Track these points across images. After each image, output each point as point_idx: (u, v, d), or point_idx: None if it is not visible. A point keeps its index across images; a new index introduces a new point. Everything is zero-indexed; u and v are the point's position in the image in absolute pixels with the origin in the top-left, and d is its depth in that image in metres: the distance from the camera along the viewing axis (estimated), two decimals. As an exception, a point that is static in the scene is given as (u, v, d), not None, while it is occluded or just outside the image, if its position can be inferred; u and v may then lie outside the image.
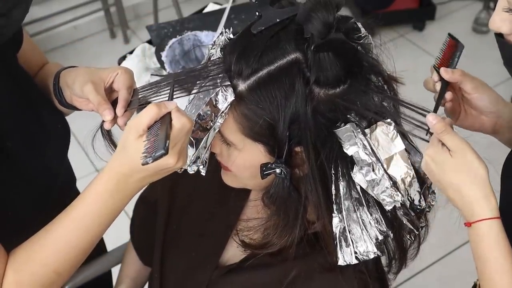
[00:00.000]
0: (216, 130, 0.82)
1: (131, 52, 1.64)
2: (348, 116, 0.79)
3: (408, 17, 3.28)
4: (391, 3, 3.13)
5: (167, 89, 0.84)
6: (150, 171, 0.78)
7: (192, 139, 0.83)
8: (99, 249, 1.38)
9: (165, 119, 0.76)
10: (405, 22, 3.28)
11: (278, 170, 0.81)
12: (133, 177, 0.80)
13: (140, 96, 0.89)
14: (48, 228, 0.84)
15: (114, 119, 0.88)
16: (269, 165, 0.81)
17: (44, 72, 1.08)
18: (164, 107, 0.77)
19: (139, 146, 0.75)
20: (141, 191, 1.22)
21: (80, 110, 0.97)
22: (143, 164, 0.74)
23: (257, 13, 0.80)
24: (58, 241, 0.84)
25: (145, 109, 0.77)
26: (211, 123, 0.81)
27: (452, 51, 0.87)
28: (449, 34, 0.87)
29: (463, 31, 3.27)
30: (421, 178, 0.83)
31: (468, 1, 3.45)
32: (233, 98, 0.78)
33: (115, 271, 1.32)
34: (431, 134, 0.80)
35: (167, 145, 0.72)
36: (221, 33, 0.84)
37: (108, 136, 0.90)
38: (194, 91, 0.83)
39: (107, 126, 0.87)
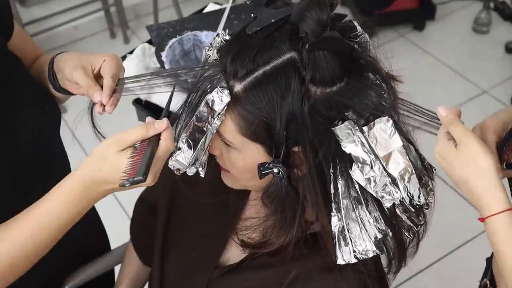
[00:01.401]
0: (214, 132, 0.82)
1: (131, 52, 1.64)
2: (346, 114, 0.79)
3: (408, 17, 3.28)
4: (391, 3, 3.13)
5: (158, 83, 0.87)
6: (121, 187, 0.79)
7: (190, 141, 0.83)
8: (104, 247, 1.38)
9: (153, 139, 0.78)
10: (405, 22, 3.28)
11: (275, 170, 0.81)
12: (102, 187, 0.80)
13: (128, 86, 0.93)
14: (8, 223, 0.84)
15: (103, 106, 0.91)
16: (267, 165, 0.81)
17: (39, 62, 1.10)
18: (153, 129, 0.78)
19: (119, 161, 0.77)
20: (141, 191, 1.23)
21: (73, 94, 0.99)
22: (120, 185, 0.76)
23: (252, 15, 0.80)
24: (14, 240, 0.83)
25: (133, 129, 0.78)
26: (208, 125, 0.81)
27: None
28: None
29: (463, 31, 3.27)
30: (419, 175, 0.83)
31: (468, 1, 3.45)
32: (229, 99, 0.78)
33: (115, 271, 1.33)
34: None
35: (147, 172, 0.74)
36: (217, 35, 0.84)
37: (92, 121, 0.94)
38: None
39: (97, 109, 0.91)
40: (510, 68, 2.97)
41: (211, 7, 1.86)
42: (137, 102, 1.62)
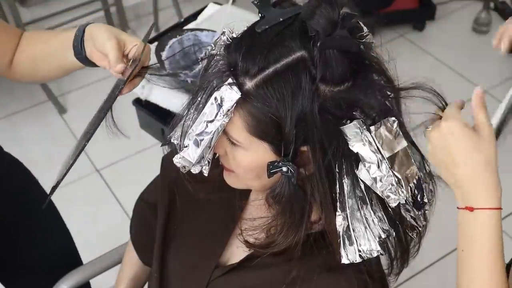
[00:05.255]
0: (221, 130, 0.82)
1: (131, 52, 1.64)
2: (354, 113, 0.79)
3: (408, 17, 3.28)
4: (391, 3, 3.13)
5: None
6: None
7: (197, 138, 0.83)
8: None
9: None
10: (405, 22, 3.28)
11: (284, 169, 0.81)
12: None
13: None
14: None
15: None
16: (276, 163, 0.81)
17: (43, 37, 1.12)
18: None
19: None
20: (141, 191, 1.23)
21: (95, 66, 1.01)
22: None
23: (259, 14, 0.80)
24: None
25: None
26: (216, 122, 0.80)
27: None
28: None
29: (463, 31, 3.27)
30: (423, 177, 0.83)
31: (468, 1, 3.45)
32: (239, 96, 0.78)
33: (115, 271, 1.33)
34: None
35: None
36: (223, 33, 0.84)
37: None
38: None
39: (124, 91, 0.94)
40: (510, 68, 2.97)
41: (211, 7, 1.86)
42: (137, 102, 1.62)
